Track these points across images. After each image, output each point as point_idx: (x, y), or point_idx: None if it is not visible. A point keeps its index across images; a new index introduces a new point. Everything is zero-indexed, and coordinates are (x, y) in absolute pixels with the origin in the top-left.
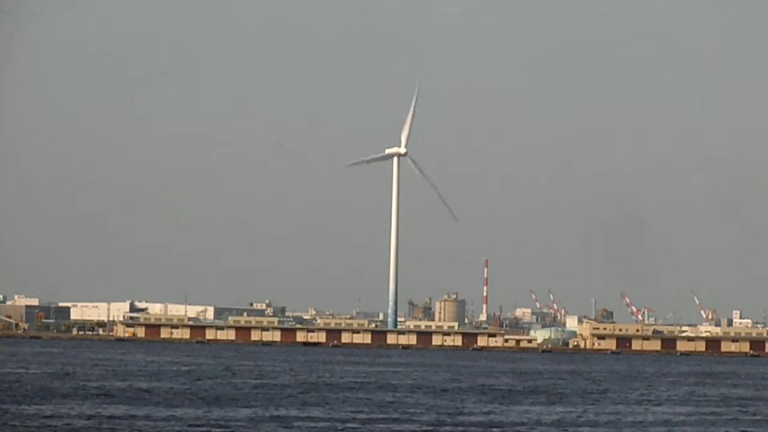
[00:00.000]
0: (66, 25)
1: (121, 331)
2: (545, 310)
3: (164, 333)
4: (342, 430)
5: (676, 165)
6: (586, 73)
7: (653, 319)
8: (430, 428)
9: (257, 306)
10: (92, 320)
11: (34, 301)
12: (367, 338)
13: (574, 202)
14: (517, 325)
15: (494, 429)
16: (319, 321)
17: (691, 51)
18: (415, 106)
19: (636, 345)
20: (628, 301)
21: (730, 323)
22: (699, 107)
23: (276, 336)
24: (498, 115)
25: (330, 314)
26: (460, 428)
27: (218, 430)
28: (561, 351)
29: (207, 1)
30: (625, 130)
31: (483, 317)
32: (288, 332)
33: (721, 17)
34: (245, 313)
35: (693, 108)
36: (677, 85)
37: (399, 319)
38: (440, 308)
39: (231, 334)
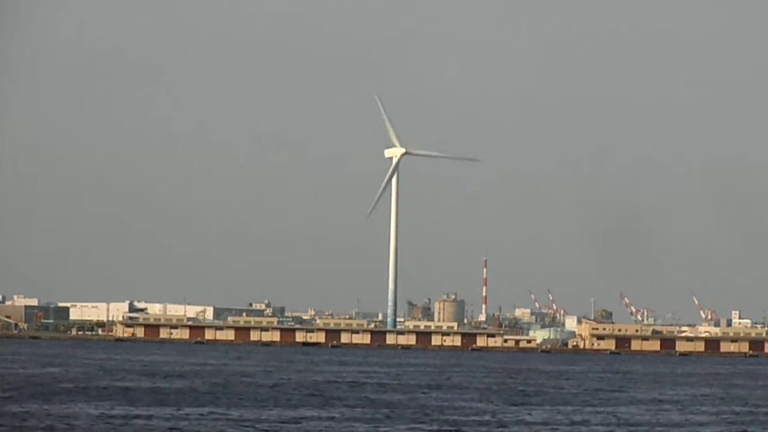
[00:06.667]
0: (65, 24)
1: (120, 332)
2: (544, 311)
3: (163, 333)
4: None
5: (675, 165)
6: (585, 73)
7: (652, 319)
8: None
9: (256, 306)
10: (91, 320)
11: (34, 302)
12: (366, 338)
13: (574, 202)
14: (516, 326)
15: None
16: (318, 321)
17: (691, 50)
18: (384, 110)
19: (635, 345)
20: (628, 301)
21: (729, 323)
22: (699, 107)
23: (275, 336)
24: (497, 114)
25: (329, 314)
26: None
27: None
28: (560, 351)
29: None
30: (625, 129)
31: (482, 317)
32: (287, 332)
33: (721, 15)
34: (244, 314)
35: (693, 107)
36: (677, 84)
37: (398, 320)
38: (439, 308)
39: (230, 335)
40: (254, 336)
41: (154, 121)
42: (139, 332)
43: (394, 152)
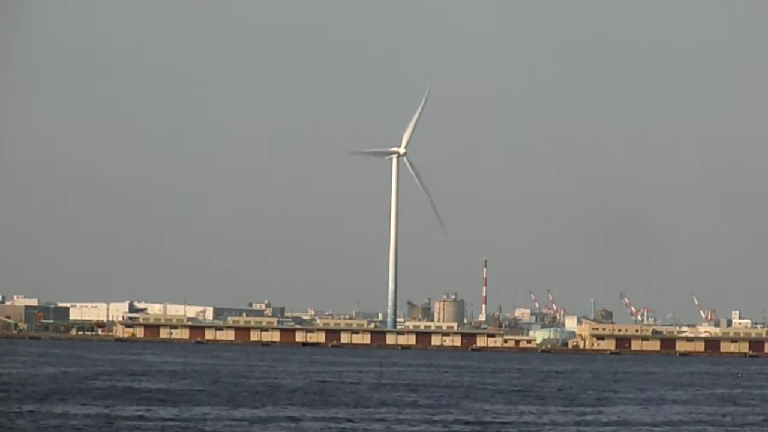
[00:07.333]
0: (65, 23)
1: (120, 332)
2: (544, 311)
3: (163, 333)
4: None
5: (676, 165)
6: (585, 73)
7: (652, 319)
8: None
9: (256, 306)
10: (91, 320)
11: (34, 302)
12: (366, 338)
13: (574, 202)
14: (516, 326)
15: None
16: (318, 321)
17: (690, 50)
18: (422, 109)
19: (635, 345)
20: (628, 301)
21: (729, 323)
22: (699, 107)
23: (275, 336)
24: (497, 114)
25: (329, 314)
26: None
27: None
28: (560, 351)
29: (207, 0)
30: (624, 129)
31: (482, 317)
32: (287, 332)
33: (721, 15)
34: (244, 314)
35: (693, 108)
36: (677, 84)
37: (398, 320)
38: (439, 308)
39: (230, 335)
40: (254, 336)
41: (155, 121)
42: (139, 332)
43: (395, 150)
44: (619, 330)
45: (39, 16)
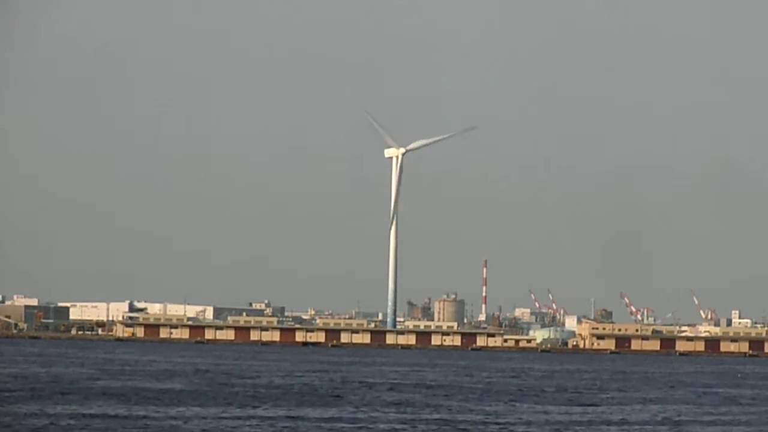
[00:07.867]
0: (65, 22)
1: (120, 331)
2: (544, 310)
3: (163, 333)
4: None
5: (674, 165)
6: (584, 73)
7: (652, 319)
8: None
9: (256, 306)
10: (91, 320)
11: (34, 301)
12: (366, 338)
13: (574, 202)
14: (516, 325)
15: None
16: (318, 321)
17: (689, 50)
18: (444, 138)
19: (635, 345)
20: (628, 301)
21: (729, 323)
22: (698, 107)
23: (275, 336)
24: (497, 115)
25: (329, 314)
26: None
27: None
28: (560, 351)
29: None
30: (624, 129)
31: (482, 317)
32: (287, 332)
33: (721, 15)
34: (244, 313)
35: (692, 108)
36: (677, 84)
37: (398, 319)
38: (439, 308)
39: (230, 334)
40: (254, 336)
41: (155, 121)
42: (139, 332)
43: (394, 152)
44: (619, 330)
45: (37, 14)
